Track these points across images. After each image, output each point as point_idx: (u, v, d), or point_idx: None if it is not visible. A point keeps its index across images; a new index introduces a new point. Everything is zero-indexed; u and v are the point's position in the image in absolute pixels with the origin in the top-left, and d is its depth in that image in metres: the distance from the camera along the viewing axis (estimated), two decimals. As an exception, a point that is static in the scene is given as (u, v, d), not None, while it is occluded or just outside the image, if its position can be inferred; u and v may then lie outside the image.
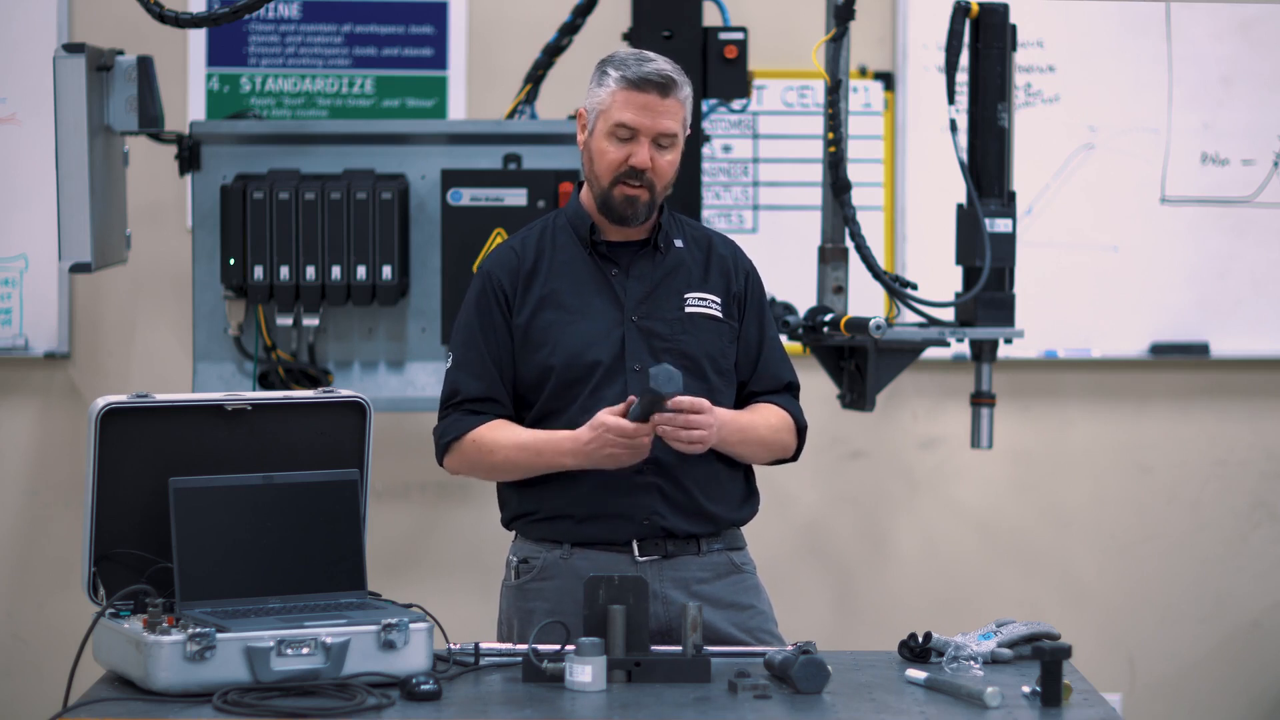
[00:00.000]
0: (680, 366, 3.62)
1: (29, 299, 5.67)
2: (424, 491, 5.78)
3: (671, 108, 3.63)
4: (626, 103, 3.62)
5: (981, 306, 4.86)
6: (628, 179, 3.64)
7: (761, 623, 3.76)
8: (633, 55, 3.68)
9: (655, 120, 3.62)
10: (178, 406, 3.47)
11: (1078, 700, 3.25)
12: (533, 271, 3.71)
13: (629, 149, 3.63)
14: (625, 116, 3.62)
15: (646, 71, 3.62)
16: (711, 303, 3.73)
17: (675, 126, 3.64)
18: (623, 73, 3.63)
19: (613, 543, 3.67)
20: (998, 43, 4.85)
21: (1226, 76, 5.83)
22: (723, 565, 3.73)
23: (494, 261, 3.76)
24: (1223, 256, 5.84)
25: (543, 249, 3.74)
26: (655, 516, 3.65)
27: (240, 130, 5.11)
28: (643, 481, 3.64)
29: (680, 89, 3.64)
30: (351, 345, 5.13)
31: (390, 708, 3.16)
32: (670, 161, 3.66)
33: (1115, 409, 5.91)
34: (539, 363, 3.67)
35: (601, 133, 3.66)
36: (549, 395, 3.67)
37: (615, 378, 3.65)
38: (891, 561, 5.90)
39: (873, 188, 5.77)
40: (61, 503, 5.74)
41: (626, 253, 3.73)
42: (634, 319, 3.68)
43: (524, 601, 3.72)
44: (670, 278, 3.72)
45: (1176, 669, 5.95)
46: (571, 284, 3.70)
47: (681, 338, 3.69)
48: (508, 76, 5.53)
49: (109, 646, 3.30)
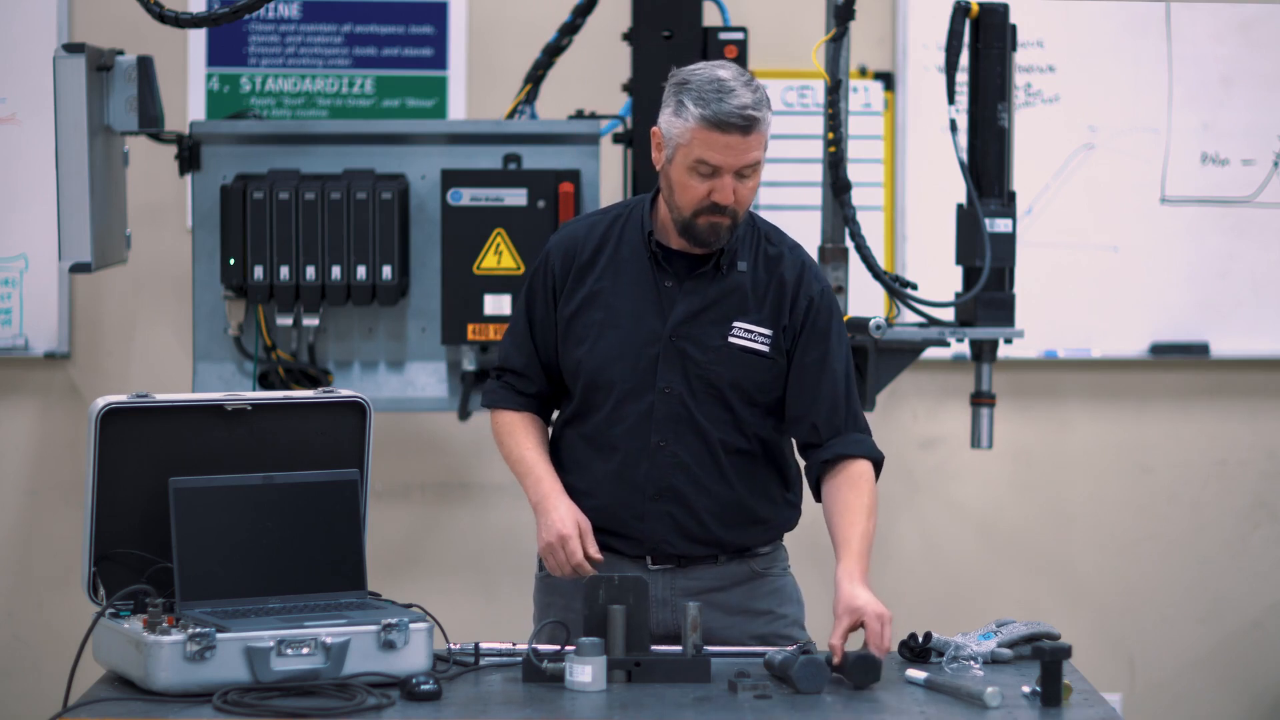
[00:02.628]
0: (708, 395, 3.59)
1: (29, 299, 5.67)
2: (424, 491, 5.78)
3: (754, 142, 3.47)
4: (707, 143, 3.46)
5: (981, 306, 4.86)
6: (710, 212, 3.52)
7: (778, 628, 3.72)
8: (710, 86, 3.46)
9: (739, 158, 3.47)
10: (178, 406, 3.47)
11: (1078, 700, 3.26)
12: (589, 264, 3.65)
13: (711, 184, 3.49)
14: (707, 155, 3.47)
15: (726, 112, 3.43)
16: (759, 336, 3.61)
17: (757, 156, 3.50)
18: (702, 111, 3.44)
19: (624, 554, 3.66)
20: (998, 43, 4.85)
21: (1226, 76, 5.83)
22: (740, 573, 3.70)
23: (557, 241, 3.70)
24: (1223, 256, 5.84)
25: (608, 239, 3.65)
26: (665, 544, 3.64)
27: (240, 130, 5.11)
28: (655, 509, 3.63)
29: (763, 122, 3.46)
30: (351, 345, 5.13)
31: (390, 708, 3.16)
32: (752, 187, 3.53)
33: (1115, 409, 5.91)
34: (575, 359, 3.64)
35: (682, 165, 3.50)
36: (580, 393, 3.66)
37: (643, 394, 3.61)
38: (891, 561, 5.90)
39: (873, 188, 5.77)
40: (61, 503, 5.74)
41: (686, 265, 3.62)
42: (672, 339, 3.61)
43: (546, 595, 3.74)
44: (723, 301, 3.61)
45: (1176, 669, 5.95)
46: (624, 286, 3.62)
47: (716, 368, 3.60)
48: (508, 76, 5.53)
49: (109, 646, 3.30)
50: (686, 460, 3.61)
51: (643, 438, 3.60)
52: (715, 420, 3.61)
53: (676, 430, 3.60)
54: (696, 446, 3.61)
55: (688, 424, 3.60)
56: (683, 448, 3.61)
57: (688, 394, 3.60)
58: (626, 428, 3.60)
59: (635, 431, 3.60)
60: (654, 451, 3.60)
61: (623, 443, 3.60)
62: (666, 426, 3.60)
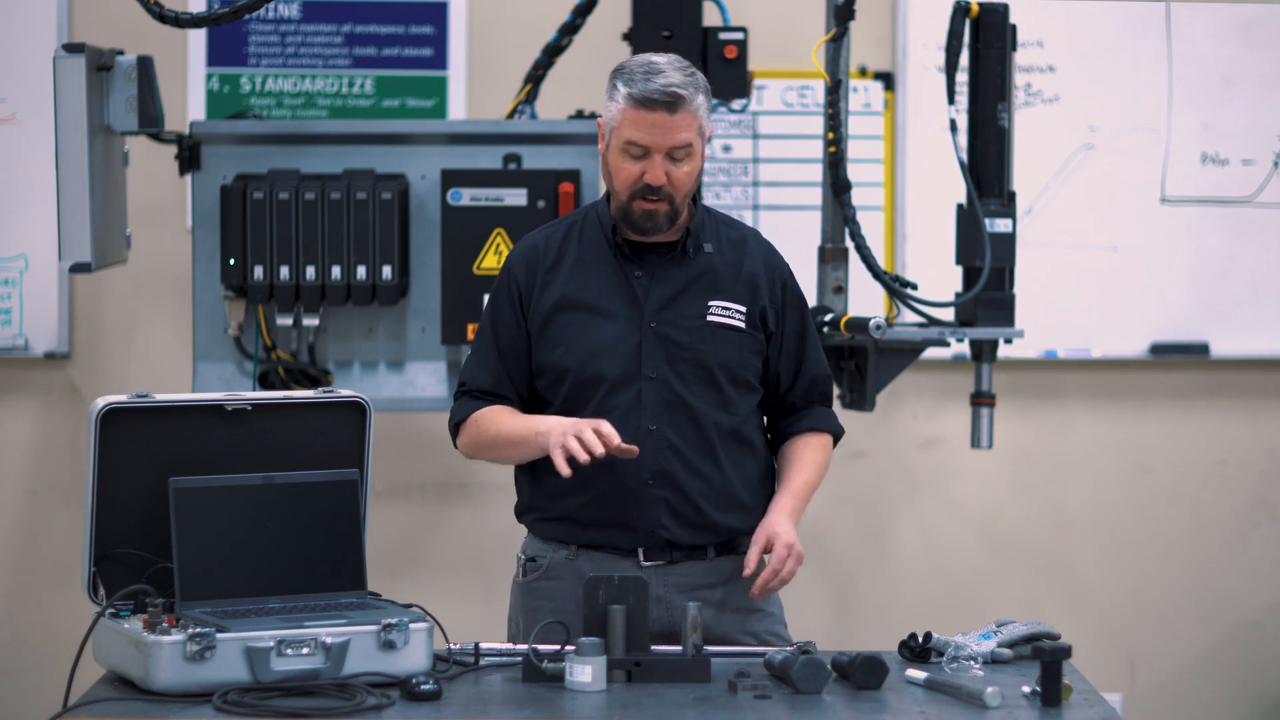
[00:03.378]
0: (696, 375, 3.62)
1: (29, 299, 5.67)
2: (424, 491, 5.78)
3: (682, 122, 3.54)
4: (635, 121, 3.54)
5: (981, 306, 4.86)
6: (644, 195, 3.58)
7: (769, 625, 3.75)
8: (640, 67, 3.56)
9: (665, 137, 3.54)
10: (178, 406, 3.47)
11: (1078, 700, 3.26)
12: (554, 268, 3.68)
13: (642, 166, 3.56)
14: (635, 135, 3.55)
15: (652, 90, 3.52)
16: (736, 312, 3.67)
17: (688, 138, 3.56)
18: (629, 89, 3.54)
19: (618, 548, 3.66)
20: (998, 43, 4.85)
21: (1226, 76, 5.83)
22: (728, 569, 3.72)
23: (516, 255, 3.73)
24: (1223, 256, 5.84)
25: (568, 244, 3.70)
26: (660, 530, 3.65)
27: (240, 130, 5.11)
28: (650, 494, 3.63)
29: (690, 101, 3.54)
30: (351, 345, 5.13)
31: (390, 708, 3.16)
32: (688, 172, 3.59)
33: (1115, 409, 5.91)
34: (555, 363, 3.66)
35: (615, 149, 3.59)
36: (565, 396, 3.66)
37: (629, 384, 3.63)
38: (891, 561, 5.90)
39: (873, 188, 5.77)
40: (61, 503, 5.74)
41: (653, 254, 3.68)
42: (652, 325, 3.64)
43: (530, 600, 3.72)
44: (696, 283, 3.67)
45: (1176, 669, 5.95)
46: (593, 284, 3.66)
47: (700, 347, 3.64)
48: (508, 76, 5.52)
49: (109, 646, 3.30)
50: (678, 444, 3.63)
51: (633, 423, 3.61)
52: (704, 400, 3.64)
53: (666, 414, 3.63)
54: (687, 429, 3.64)
55: (677, 407, 3.63)
56: (673, 431, 3.63)
57: (675, 377, 3.63)
58: (616, 416, 3.60)
59: (626, 419, 3.61)
60: (645, 436, 3.61)
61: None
62: (655, 411, 3.63)
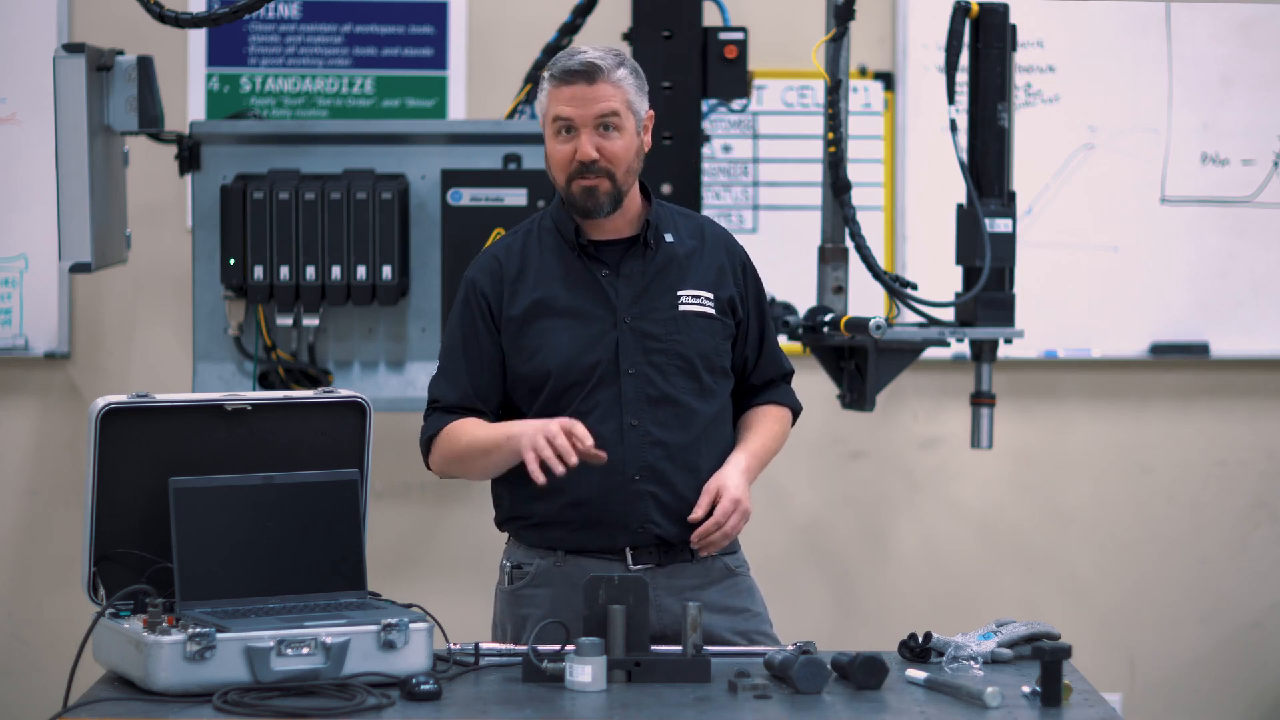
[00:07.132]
0: (674, 367, 3.63)
1: (29, 299, 5.67)
2: (424, 491, 5.78)
3: (603, 92, 3.59)
4: (557, 97, 3.60)
5: (981, 306, 4.86)
6: (581, 174, 3.61)
7: (757, 625, 3.76)
8: (564, 52, 3.67)
9: (587, 108, 3.58)
10: (178, 406, 3.47)
11: (1078, 700, 3.25)
12: (519, 277, 3.69)
13: (573, 143, 3.60)
14: (558, 109, 3.60)
15: (570, 64, 3.60)
16: (705, 299, 3.70)
17: (612, 107, 3.60)
18: (551, 71, 3.63)
19: (606, 550, 3.66)
20: (998, 43, 4.85)
21: (1226, 76, 5.83)
22: (717, 570, 3.73)
23: (478, 268, 3.74)
24: (1223, 256, 5.84)
25: (529, 253, 3.71)
26: (649, 525, 3.64)
27: (240, 130, 5.11)
28: (637, 490, 3.63)
29: (610, 72, 3.59)
30: (351, 345, 5.13)
31: (390, 708, 3.16)
32: (623, 145, 3.61)
33: (1115, 409, 5.91)
34: (533, 369, 3.65)
35: (549, 135, 3.64)
36: (544, 401, 3.65)
37: (610, 382, 3.64)
38: (891, 561, 5.90)
39: (873, 188, 5.77)
40: (61, 503, 5.74)
41: (615, 251, 3.70)
42: (627, 321, 3.65)
43: (517, 608, 3.71)
44: (662, 275, 3.69)
45: (1176, 669, 5.95)
46: (561, 288, 3.67)
47: (676, 338, 3.66)
48: (508, 76, 5.53)
49: (109, 646, 3.30)
50: (661, 437, 3.64)
51: (615, 420, 3.62)
52: (685, 391, 3.65)
53: (648, 409, 3.64)
54: (670, 422, 3.65)
55: (658, 401, 3.64)
56: (656, 425, 3.64)
57: (654, 371, 3.64)
58: (598, 415, 3.61)
59: (607, 416, 3.62)
60: (628, 432, 3.62)
61: (596, 429, 3.59)
62: (637, 406, 3.63)
